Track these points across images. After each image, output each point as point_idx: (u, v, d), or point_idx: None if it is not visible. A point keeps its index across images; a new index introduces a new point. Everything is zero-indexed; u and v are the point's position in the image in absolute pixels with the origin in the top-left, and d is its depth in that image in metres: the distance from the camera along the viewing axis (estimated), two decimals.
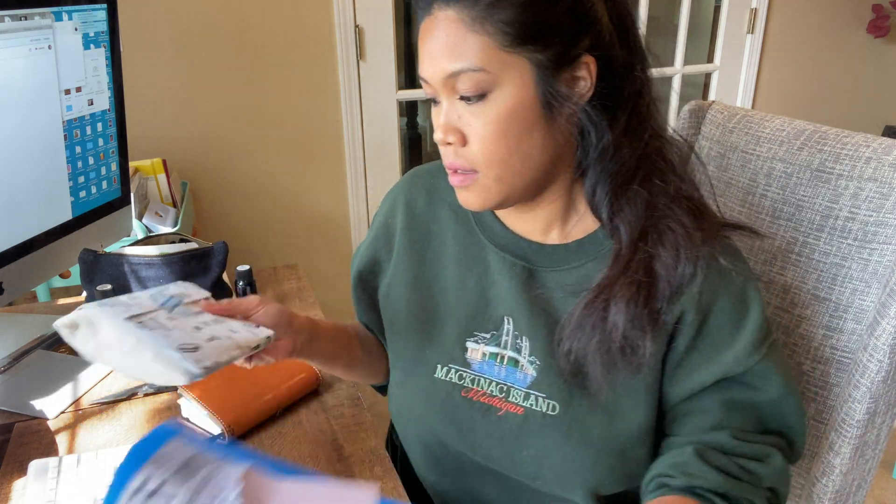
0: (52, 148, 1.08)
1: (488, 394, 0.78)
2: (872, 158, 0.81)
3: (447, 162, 0.69)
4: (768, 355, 0.71)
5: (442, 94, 0.67)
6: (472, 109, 0.66)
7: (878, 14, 2.63)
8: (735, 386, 0.71)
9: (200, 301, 0.74)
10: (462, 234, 0.81)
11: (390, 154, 2.20)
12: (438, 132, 0.68)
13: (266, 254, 2.15)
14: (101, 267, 1.18)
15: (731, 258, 0.71)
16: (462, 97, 0.66)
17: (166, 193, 1.74)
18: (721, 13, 2.50)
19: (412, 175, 0.89)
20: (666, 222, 0.68)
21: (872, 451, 0.86)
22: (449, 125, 0.67)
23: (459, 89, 0.65)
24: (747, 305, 0.70)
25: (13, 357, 1.07)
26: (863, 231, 0.82)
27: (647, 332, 0.67)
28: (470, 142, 0.67)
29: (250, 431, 0.91)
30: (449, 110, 0.67)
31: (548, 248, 0.76)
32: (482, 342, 0.79)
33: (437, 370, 0.80)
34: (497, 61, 0.63)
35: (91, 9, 1.10)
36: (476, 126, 0.66)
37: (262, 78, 2.00)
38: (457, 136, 0.67)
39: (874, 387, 0.79)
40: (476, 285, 0.79)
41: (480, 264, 0.79)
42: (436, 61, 0.65)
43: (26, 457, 0.86)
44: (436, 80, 0.66)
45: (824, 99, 2.75)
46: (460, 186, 0.70)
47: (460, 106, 0.66)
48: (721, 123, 1.01)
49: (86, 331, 0.65)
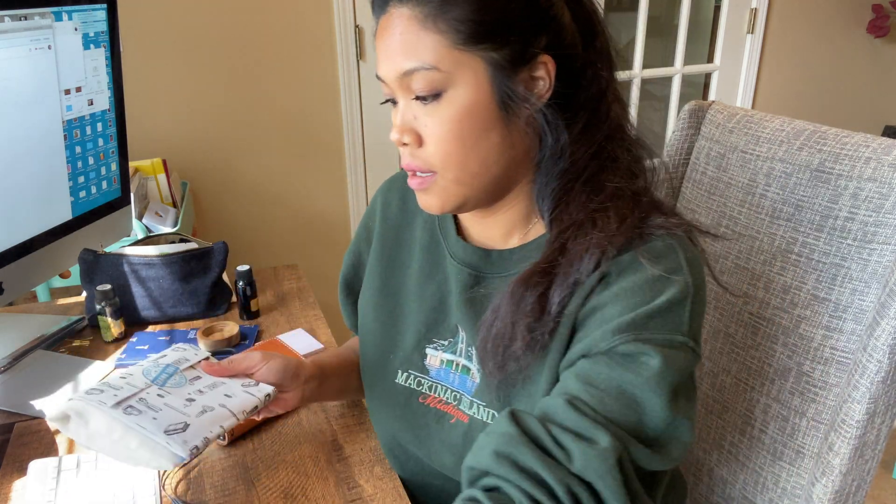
0: (52, 148, 1.09)
1: (444, 401, 0.78)
2: (872, 158, 0.81)
3: (404, 163, 0.69)
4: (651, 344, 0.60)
5: (398, 94, 0.66)
6: (428, 109, 0.65)
7: (878, 14, 2.63)
8: (601, 360, 0.62)
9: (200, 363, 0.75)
10: (427, 241, 0.81)
11: (390, 154, 2.20)
12: (394, 132, 0.67)
13: (266, 254, 2.15)
14: (101, 267, 1.18)
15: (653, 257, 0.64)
16: (417, 97, 0.65)
17: (166, 193, 1.74)
18: (721, 13, 2.50)
19: (391, 180, 0.89)
20: (595, 216, 0.66)
21: (872, 452, 0.86)
22: (405, 125, 0.66)
23: (414, 88, 0.64)
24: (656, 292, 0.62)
25: (13, 357, 1.07)
26: (862, 231, 0.82)
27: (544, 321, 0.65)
28: (426, 142, 0.66)
29: (250, 431, 0.91)
30: (405, 110, 0.66)
31: (494, 254, 0.75)
32: (440, 349, 0.79)
33: (398, 375, 0.81)
34: (450, 60, 0.62)
35: (91, 9, 1.10)
36: (431, 126, 0.65)
37: (262, 78, 2.00)
38: (412, 136, 0.66)
39: (874, 387, 0.79)
40: (436, 293, 0.79)
41: (441, 273, 0.79)
42: (390, 60, 0.64)
43: (26, 457, 0.86)
44: (391, 79, 0.65)
45: (824, 99, 2.75)
46: (419, 189, 0.69)
47: (416, 106, 0.66)
48: (721, 123, 1.01)
49: (77, 421, 0.67)
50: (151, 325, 1.19)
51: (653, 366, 0.60)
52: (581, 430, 0.58)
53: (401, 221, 0.85)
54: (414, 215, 0.84)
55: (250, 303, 1.20)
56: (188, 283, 1.20)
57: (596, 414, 0.59)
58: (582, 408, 0.59)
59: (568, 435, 0.57)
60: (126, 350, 1.10)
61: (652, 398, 0.59)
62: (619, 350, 0.61)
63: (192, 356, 0.77)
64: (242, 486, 0.82)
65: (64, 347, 1.12)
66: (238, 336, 1.12)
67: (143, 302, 1.18)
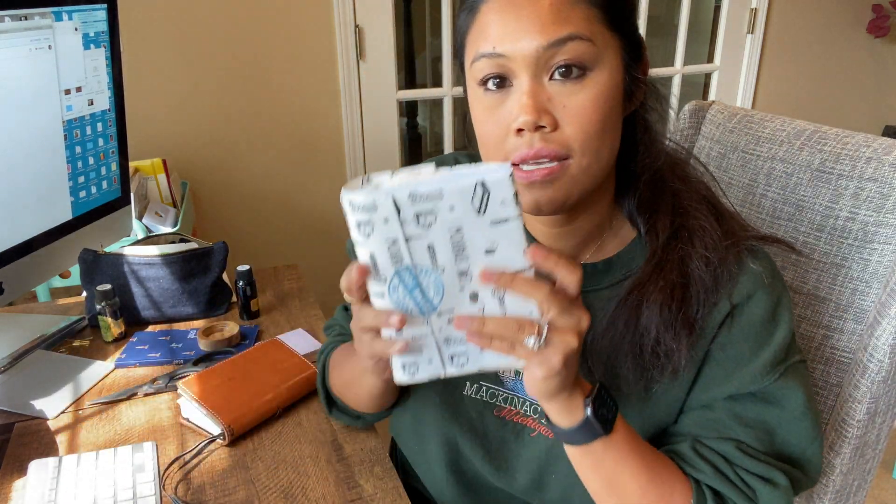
0: (52, 148, 1.08)
1: (522, 413, 0.74)
2: (872, 158, 0.81)
3: (531, 151, 0.59)
4: (788, 374, 0.66)
5: (526, 71, 0.59)
6: (569, 88, 0.59)
7: (878, 14, 2.63)
8: (748, 399, 0.67)
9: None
10: None
11: (390, 154, 2.20)
12: (528, 115, 0.58)
13: (266, 254, 2.15)
14: (101, 267, 1.18)
15: (763, 265, 0.67)
16: (559, 73, 0.58)
17: (166, 193, 1.74)
18: (721, 13, 2.50)
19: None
20: (695, 222, 0.66)
21: (872, 451, 0.86)
22: (540, 105, 0.59)
23: (557, 61, 0.58)
24: (776, 320, 0.66)
25: (13, 357, 1.07)
26: (863, 231, 0.82)
27: (681, 336, 0.63)
28: (563, 124, 0.59)
29: (250, 431, 0.91)
30: (535, 90, 0.59)
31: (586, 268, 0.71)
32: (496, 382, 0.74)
33: (467, 387, 0.76)
34: (601, 36, 0.59)
35: (91, 9, 1.10)
36: (573, 107, 0.59)
37: (262, 78, 2.00)
38: (549, 118, 0.59)
39: (874, 387, 0.78)
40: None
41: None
42: (535, 28, 0.57)
43: (26, 457, 0.86)
44: (528, 51, 0.58)
45: (824, 99, 2.75)
46: (546, 179, 0.60)
47: (552, 86, 0.59)
48: (721, 123, 1.01)
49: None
50: (151, 325, 1.19)
51: (798, 399, 0.66)
52: (761, 473, 0.64)
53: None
54: None
55: (250, 303, 1.20)
56: (188, 283, 1.20)
57: (766, 455, 0.65)
58: (752, 452, 0.65)
59: (752, 477, 0.64)
60: (126, 350, 1.10)
61: (801, 429, 0.66)
62: (768, 390, 0.66)
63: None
64: (242, 486, 0.82)
65: (64, 347, 1.12)
66: (238, 336, 1.12)
67: (143, 302, 1.18)
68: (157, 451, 0.86)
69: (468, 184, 0.47)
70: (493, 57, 0.60)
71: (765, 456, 0.65)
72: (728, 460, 0.65)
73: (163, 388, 1.00)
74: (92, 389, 1.01)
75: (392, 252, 0.50)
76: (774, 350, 0.66)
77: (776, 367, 0.66)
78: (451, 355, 0.54)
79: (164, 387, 1.00)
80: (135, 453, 0.84)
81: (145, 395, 0.99)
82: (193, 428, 0.92)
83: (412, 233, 0.49)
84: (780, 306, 0.66)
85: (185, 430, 0.92)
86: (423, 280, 0.51)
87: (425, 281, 0.51)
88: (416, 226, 0.49)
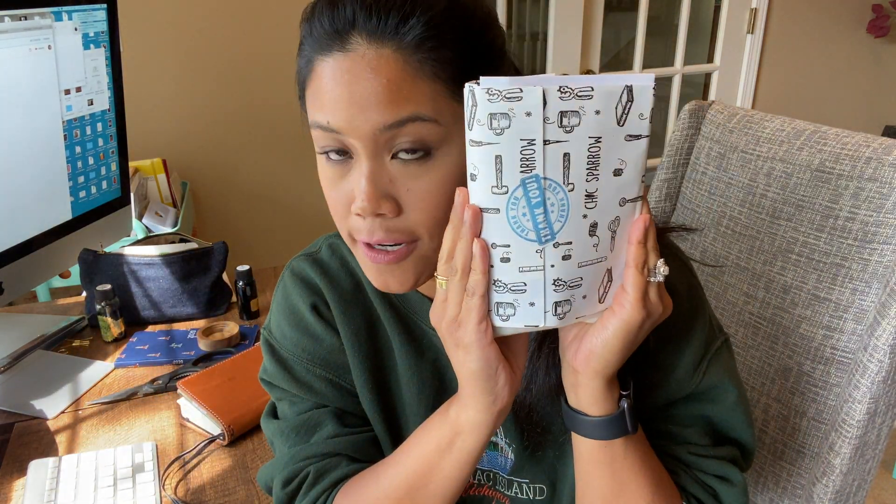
0: (52, 148, 1.08)
1: (476, 484, 0.71)
2: (872, 158, 0.81)
3: (375, 238, 0.55)
4: (712, 369, 0.64)
5: (363, 152, 0.53)
6: (413, 170, 0.53)
7: (878, 14, 2.63)
8: (680, 403, 0.66)
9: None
10: (396, 319, 0.69)
11: None
12: (364, 202, 0.52)
13: (266, 254, 2.15)
14: (101, 267, 1.18)
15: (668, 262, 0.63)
16: (398, 154, 0.53)
17: (166, 193, 1.75)
18: (721, 13, 2.50)
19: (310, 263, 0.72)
20: None
21: (872, 451, 0.86)
22: (380, 191, 0.53)
23: (399, 143, 0.52)
24: (693, 314, 0.64)
25: (13, 357, 1.07)
26: (863, 231, 0.82)
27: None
28: (406, 209, 0.54)
29: (250, 431, 0.91)
30: (376, 172, 0.53)
31: None
32: None
33: None
34: (448, 113, 0.52)
35: (91, 9, 1.10)
36: (417, 191, 0.53)
37: (262, 78, 2.00)
38: (390, 204, 0.53)
39: (874, 387, 0.78)
40: (433, 372, 0.69)
41: (429, 349, 0.68)
42: (368, 109, 0.51)
43: (26, 457, 0.86)
44: (364, 132, 0.52)
45: (824, 99, 2.75)
46: (392, 262, 0.56)
47: (393, 166, 0.53)
48: (721, 123, 1.01)
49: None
50: (151, 325, 1.19)
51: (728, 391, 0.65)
52: (717, 472, 0.65)
53: (362, 303, 0.70)
54: (366, 294, 0.70)
55: (250, 303, 1.20)
56: (188, 283, 1.20)
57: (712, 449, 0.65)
58: (703, 452, 0.65)
59: (711, 478, 0.65)
60: (126, 350, 1.10)
61: (736, 419, 0.66)
62: (698, 391, 0.65)
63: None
64: (242, 486, 0.82)
65: (64, 347, 1.12)
66: (238, 336, 1.12)
67: (143, 302, 1.18)
68: (157, 451, 0.86)
69: (616, 87, 0.43)
70: (328, 131, 0.53)
71: (714, 450, 0.66)
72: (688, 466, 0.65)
73: (163, 388, 1.00)
74: (92, 389, 1.01)
75: (524, 156, 0.43)
76: (694, 348, 0.63)
77: (699, 367, 0.64)
78: (556, 302, 0.47)
79: (164, 387, 1.00)
80: (135, 453, 0.84)
81: (145, 395, 0.99)
82: (193, 428, 0.92)
83: (552, 135, 0.43)
84: (692, 303, 0.64)
85: (185, 430, 0.92)
86: (550, 198, 0.45)
87: (551, 199, 0.45)
88: (559, 127, 0.43)
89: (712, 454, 0.65)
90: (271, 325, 0.72)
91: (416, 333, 0.69)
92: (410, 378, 0.69)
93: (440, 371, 0.69)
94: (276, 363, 0.70)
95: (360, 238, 0.56)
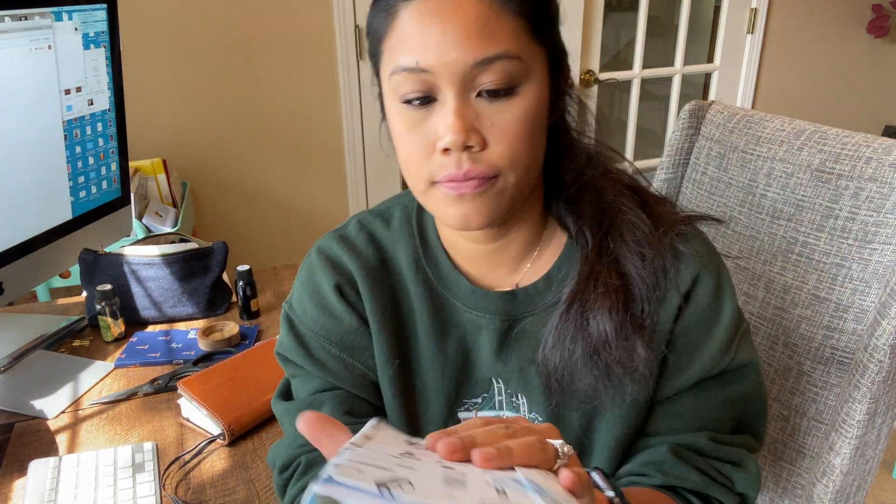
0: (52, 148, 1.08)
1: None
2: (872, 158, 0.81)
3: (460, 172, 0.57)
4: (742, 348, 0.68)
5: (451, 89, 0.55)
6: (497, 106, 0.56)
7: (878, 14, 2.63)
8: (711, 383, 0.68)
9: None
10: (428, 296, 0.70)
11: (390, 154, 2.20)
12: (456, 135, 0.55)
13: (266, 254, 2.15)
14: (101, 267, 1.18)
15: (697, 246, 0.66)
16: (486, 91, 0.56)
17: (166, 193, 1.75)
18: (721, 13, 2.50)
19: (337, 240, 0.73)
20: (622, 217, 0.64)
21: (872, 451, 0.86)
22: (468, 125, 0.56)
23: (484, 81, 0.55)
24: (721, 297, 0.66)
25: (13, 357, 1.07)
26: (863, 231, 0.82)
27: (634, 338, 0.62)
28: (491, 143, 0.57)
29: (250, 431, 0.91)
30: (463, 109, 0.56)
31: (519, 293, 0.68)
32: (474, 408, 0.71)
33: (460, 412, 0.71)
34: (529, 50, 0.56)
35: (91, 9, 1.10)
36: (501, 125, 0.57)
37: (262, 78, 2.00)
38: (477, 137, 0.56)
39: (874, 387, 0.78)
40: (457, 351, 0.70)
41: (456, 328, 0.69)
42: (460, 46, 0.54)
43: (26, 457, 0.86)
44: (455, 68, 0.54)
45: (824, 99, 2.75)
46: (474, 192, 0.58)
47: (478, 103, 0.56)
48: (721, 123, 1.01)
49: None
50: (151, 325, 1.19)
51: (754, 373, 0.70)
52: (733, 459, 0.68)
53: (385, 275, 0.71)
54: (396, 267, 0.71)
55: (250, 303, 1.20)
56: (188, 283, 1.20)
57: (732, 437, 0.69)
58: (723, 439, 0.68)
59: (726, 466, 0.67)
60: (126, 350, 1.10)
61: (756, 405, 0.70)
62: (727, 369, 0.68)
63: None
64: (242, 485, 0.82)
65: (64, 347, 1.12)
66: (238, 336, 1.12)
67: (143, 302, 1.18)
68: (157, 451, 0.86)
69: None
70: (415, 72, 0.56)
71: (732, 437, 0.69)
72: (705, 454, 0.67)
73: (163, 388, 1.00)
74: (92, 389, 1.01)
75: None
76: (726, 327, 0.67)
77: (731, 344, 0.67)
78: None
79: (164, 387, 1.00)
80: (135, 453, 0.84)
81: (145, 395, 0.99)
82: (193, 428, 0.92)
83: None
84: (721, 280, 0.67)
85: (185, 430, 0.92)
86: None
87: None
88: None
89: (734, 442, 0.69)
90: (293, 300, 0.74)
91: (445, 311, 0.70)
92: (434, 355, 0.70)
93: (466, 350, 0.70)
94: (294, 338, 0.72)
95: (446, 173, 0.57)
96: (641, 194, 0.68)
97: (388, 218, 0.74)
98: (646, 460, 0.67)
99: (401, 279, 0.71)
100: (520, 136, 0.57)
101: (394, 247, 0.72)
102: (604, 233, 0.65)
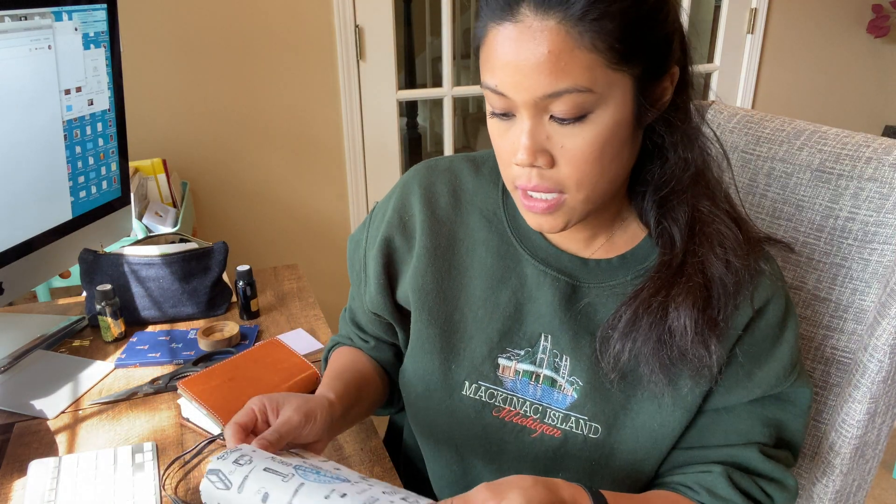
0: (52, 148, 1.09)
1: (522, 414, 0.74)
2: (872, 158, 0.81)
3: (529, 185, 0.63)
4: (803, 374, 0.72)
5: (526, 112, 0.60)
6: (567, 130, 0.60)
7: (878, 14, 2.63)
8: (769, 402, 0.72)
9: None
10: (495, 243, 0.75)
11: (390, 154, 2.20)
12: (524, 154, 0.60)
13: (266, 254, 2.15)
14: (101, 267, 1.18)
15: (774, 268, 0.71)
16: (556, 117, 0.59)
17: (166, 193, 1.75)
18: (721, 13, 2.50)
19: (429, 168, 0.80)
20: (713, 227, 0.67)
21: (872, 452, 0.86)
22: (537, 146, 0.60)
23: (555, 110, 0.59)
24: (787, 321, 0.70)
25: (13, 357, 1.07)
26: (863, 231, 0.82)
27: (709, 337, 0.65)
28: (559, 164, 0.61)
29: None
30: (535, 130, 0.60)
31: (591, 263, 0.73)
32: (515, 359, 0.74)
33: (465, 387, 0.75)
34: (604, 81, 0.58)
35: (91, 9, 1.10)
36: (570, 148, 0.60)
37: (262, 78, 2.00)
38: (545, 158, 0.61)
39: (874, 387, 0.79)
40: (511, 299, 0.74)
41: (516, 277, 0.74)
42: (532, 78, 0.57)
43: (26, 457, 0.86)
44: (525, 98, 0.59)
45: (824, 99, 2.75)
46: (545, 212, 0.64)
47: (551, 126, 0.60)
48: (721, 123, 1.01)
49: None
50: (151, 325, 1.19)
51: (806, 398, 0.73)
52: (776, 477, 0.71)
53: (453, 217, 0.77)
54: (469, 211, 0.77)
55: (250, 303, 1.20)
56: (188, 283, 1.20)
57: (778, 453, 0.72)
58: (773, 455, 0.71)
59: (770, 484, 0.71)
60: (126, 350, 1.10)
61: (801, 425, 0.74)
62: (786, 391, 0.72)
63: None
64: None
65: (64, 347, 1.12)
66: (238, 336, 1.12)
67: (143, 302, 1.18)
68: (157, 451, 0.86)
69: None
70: (496, 93, 0.61)
71: (777, 451, 0.72)
72: (751, 471, 0.71)
73: (163, 388, 1.00)
74: (92, 389, 1.01)
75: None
76: (791, 350, 0.70)
77: (794, 368, 0.70)
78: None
79: (164, 387, 1.00)
80: (135, 453, 0.84)
81: (145, 395, 0.99)
82: (193, 428, 0.92)
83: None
84: (790, 305, 0.71)
85: (185, 430, 0.92)
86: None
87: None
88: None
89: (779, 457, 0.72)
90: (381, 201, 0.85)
91: (509, 259, 0.75)
92: (488, 298, 0.75)
93: (520, 301, 0.74)
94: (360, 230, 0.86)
95: (520, 182, 0.64)
96: (733, 210, 0.70)
97: (480, 165, 0.80)
98: (697, 479, 0.71)
99: (468, 221, 0.77)
100: (587, 158, 0.61)
101: (474, 191, 0.78)
102: (694, 237, 0.67)
